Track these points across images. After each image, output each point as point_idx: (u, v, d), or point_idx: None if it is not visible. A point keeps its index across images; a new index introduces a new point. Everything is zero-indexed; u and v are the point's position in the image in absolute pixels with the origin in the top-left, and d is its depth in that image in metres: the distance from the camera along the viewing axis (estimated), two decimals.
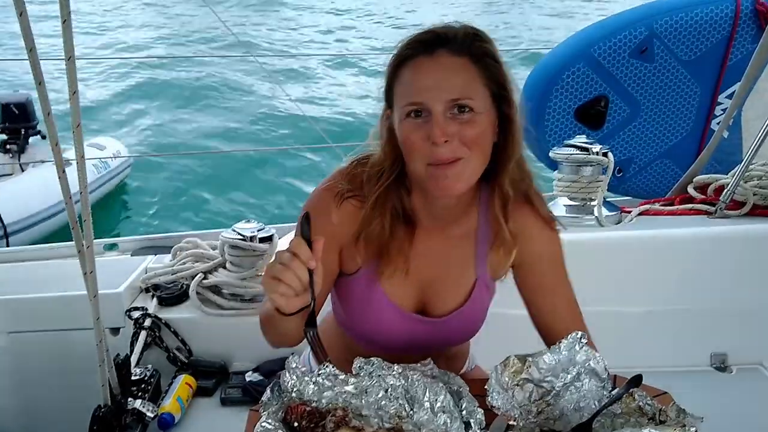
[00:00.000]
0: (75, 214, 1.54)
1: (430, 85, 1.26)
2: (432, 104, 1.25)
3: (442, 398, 1.20)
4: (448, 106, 1.26)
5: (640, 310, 2.45)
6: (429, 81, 1.26)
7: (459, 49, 1.28)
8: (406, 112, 1.28)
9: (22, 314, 2.34)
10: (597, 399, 1.28)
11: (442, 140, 1.25)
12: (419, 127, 1.27)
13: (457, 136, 1.26)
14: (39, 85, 1.35)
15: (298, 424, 1.20)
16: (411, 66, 1.29)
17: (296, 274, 1.17)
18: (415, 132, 1.28)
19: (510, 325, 1.61)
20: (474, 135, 1.28)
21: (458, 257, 1.48)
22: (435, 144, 1.26)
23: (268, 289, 1.19)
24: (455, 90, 1.26)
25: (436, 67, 1.27)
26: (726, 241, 2.51)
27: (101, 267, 1.70)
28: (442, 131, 1.25)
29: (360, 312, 1.49)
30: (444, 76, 1.26)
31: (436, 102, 1.25)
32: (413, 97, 1.27)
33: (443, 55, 1.27)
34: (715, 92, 3.29)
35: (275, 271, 1.17)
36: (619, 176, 3.34)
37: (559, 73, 3.24)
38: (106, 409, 1.81)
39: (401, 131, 1.31)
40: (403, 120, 1.30)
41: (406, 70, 1.30)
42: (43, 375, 2.35)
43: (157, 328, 2.32)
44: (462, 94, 1.26)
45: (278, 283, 1.17)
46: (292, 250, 1.18)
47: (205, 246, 2.58)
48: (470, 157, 1.29)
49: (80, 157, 1.50)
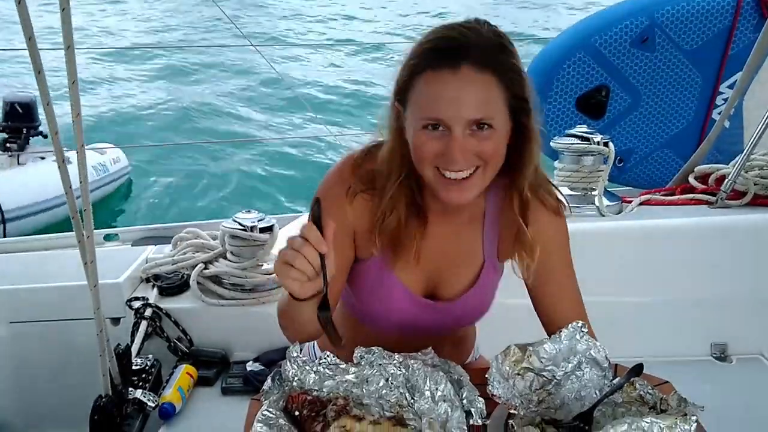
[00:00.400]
0: (75, 204, 1.54)
1: (451, 103, 1.22)
2: (452, 123, 1.22)
3: (443, 387, 1.20)
4: (468, 125, 1.23)
5: (641, 299, 2.45)
6: (451, 98, 1.22)
7: (484, 64, 1.22)
8: (423, 124, 1.25)
9: (22, 304, 2.34)
10: (598, 388, 1.28)
11: (461, 159, 1.24)
12: (435, 140, 1.25)
13: (473, 152, 1.25)
14: (38, 74, 1.34)
15: (299, 413, 1.20)
16: (432, 78, 1.23)
17: (308, 259, 1.17)
18: (431, 144, 1.25)
19: (516, 315, 1.60)
20: (490, 151, 1.26)
21: (466, 241, 1.49)
22: (450, 162, 1.24)
23: (280, 275, 1.20)
24: (477, 110, 1.22)
25: (458, 84, 1.21)
26: (727, 231, 2.51)
27: (101, 257, 1.70)
28: (461, 150, 1.23)
29: (370, 295, 1.49)
30: (467, 93, 1.22)
31: (458, 121, 1.22)
32: (433, 113, 1.23)
33: (467, 71, 1.21)
34: (717, 82, 3.29)
35: (286, 257, 1.18)
36: (620, 166, 3.33)
37: (560, 63, 3.24)
38: (107, 399, 1.81)
39: (415, 140, 1.28)
40: (418, 130, 1.26)
41: (426, 81, 1.24)
42: (44, 365, 2.35)
43: (158, 318, 2.32)
44: (484, 114, 1.23)
45: (290, 269, 1.17)
46: (303, 234, 1.18)
47: (205, 236, 2.57)
48: (484, 171, 1.28)
49: (80, 146, 1.49)
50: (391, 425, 1.20)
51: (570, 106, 3.25)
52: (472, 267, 1.49)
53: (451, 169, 1.26)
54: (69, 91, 1.40)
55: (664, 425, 1.05)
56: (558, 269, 1.50)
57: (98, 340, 1.70)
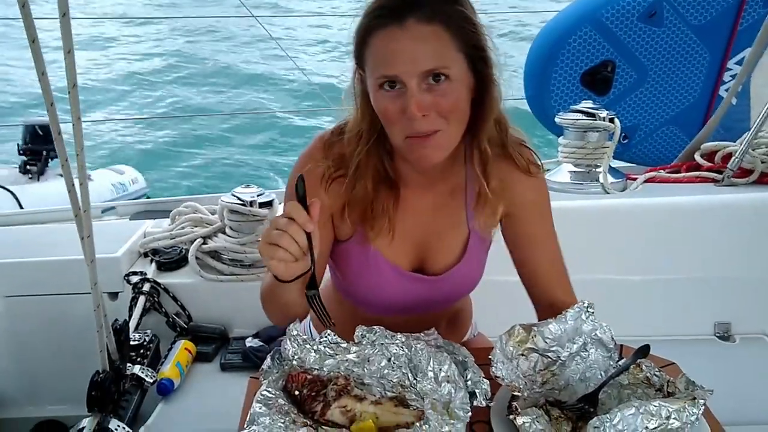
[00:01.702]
0: (72, 178, 1.51)
1: (402, 58, 1.20)
2: (406, 77, 1.20)
3: (447, 368, 1.18)
4: (422, 78, 1.21)
5: (644, 278, 2.43)
6: (401, 53, 1.20)
7: (430, 16, 1.20)
8: (380, 83, 1.24)
9: (19, 278, 2.32)
10: (603, 369, 1.26)
11: (419, 115, 1.22)
12: (394, 99, 1.23)
13: (433, 108, 1.23)
14: (42, 75, 1.32)
15: (299, 393, 1.18)
16: (381, 35, 1.22)
17: (294, 239, 1.13)
18: (391, 104, 1.24)
19: (512, 291, 1.58)
20: (450, 105, 1.24)
21: (449, 213, 1.47)
22: (411, 118, 1.22)
23: (265, 256, 1.16)
24: (429, 60, 1.20)
25: (407, 38, 1.20)
26: (733, 210, 2.48)
27: (99, 231, 1.67)
28: (419, 105, 1.21)
29: (358, 275, 1.47)
30: (416, 47, 1.20)
31: (410, 75, 1.20)
32: (385, 70, 1.22)
33: (413, 25, 1.19)
34: (725, 58, 3.23)
35: (271, 237, 1.14)
36: (625, 142, 3.29)
37: (566, 37, 3.18)
38: (105, 375, 1.79)
39: (376, 102, 1.27)
40: (377, 90, 1.25)
41: (376, 39, 1.23)
42: (42, 340, 2.34)
43: (156, 293, 2.30)
44: (436, 64, 1.21)
45: (275, 249, 1.14)
46: (287, 214, 1.14)
47: (204, 210, 2.55)
48: (448, 126, 1.26)
49: (77, 119, 1.45)
50: (393, 405, 1.18)
51: (575, 82, 3.20)
52: (458, 239, 1.47)
53: (415, 129, 1.24)
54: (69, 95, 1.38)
55: (673, 409, 1.03)
56: (539, 233, 1.49)
57: (95, 315, 1.68)
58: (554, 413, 1.19)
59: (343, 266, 1.49)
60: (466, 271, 1.49)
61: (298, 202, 1.15)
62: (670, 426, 1.02)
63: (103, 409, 1.80)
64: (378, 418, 1.16)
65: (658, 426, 1.01)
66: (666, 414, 1.02)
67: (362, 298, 1.52)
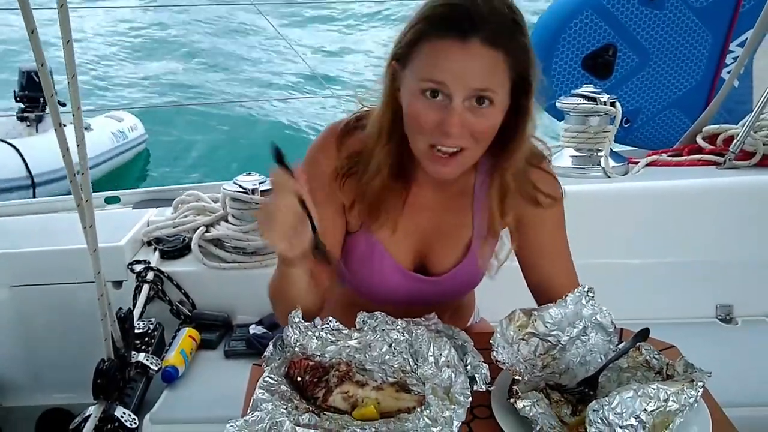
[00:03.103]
0: (73, 169, 1.52)
1: (456, 70, 1.17)
2: (454, 90, 1.18)
3: (447, 353, 1.19)
4: (469, 96, 1.19)
5: (647, 261, 2.44)
6: (456, 65, 1.17)
7: (493, 41, 1.17)
8: (423, 88, 1.20)
9: (25, 268, 2.34)
10: (603, 353, 1.27)
11: (456, 131, 1.19)
12: (432, 109, 1.20)
13: (469, 128, 1.20)
14: (32, 33, 1.31)
15: (301, 379, 1.19)
16: (439, 44, 1.18)
17: (287, 207, 1.12)
18: (427, 113, 1.21)
19: (515, 277, 1.59)
20: (485, 129, 1.22)
21: (455, 213, 1.46)
22: (446, 133, 1.20)
23: (266, 236, 1.16)
24: (481, 80, 1.18)
25: (466, 56, 1.17)
26: (735, 192, 2.48)
27: (103, 220, 1.69)
28: (459, 123, 1.19)
29: (360, 268, 1.47)
30: (472, 64, 1.17)
31: (460, 90, 1.17)
32: (436, 75, 1.18)
33: (476, 45, 1.16)
34: (727, 40, 3.22)
35: (265, 214, 1.14)
36: (627, 126, 3.29)
37: (567, 21, 3.17)
38: (110, 363, 1.81)
39: (411, 105, 1.23)
40: (416, 94, 1.22)
41: (432, 45, 1.19)
42: (47, 329, 2.36)
43: (160, 282, 2.31)
44: (486, 85, 1.18)
45: (273, 224, 1.13)
46: (273, 185, 1.13)
47: (206, 199, 2.55)
48: (475, 147, 1.25)
49: (77, 108, 1.46)
50: (394, 391, 1.19)
51: (576, 66, 3.20)
52: (461, 241, 1.46)
53: (444, 144, 1.21)
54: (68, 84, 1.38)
55: (671, 391, 1.04)
56: (553, 250, 1.49)
57: (99, 304, 1.69)
58: (554, 397, 1.20)
59: (347, 258, 1.48)
60: (468, 272, 1.49)
61: (280, 170, 1.13)
62: (668, 408, 1.03)
63: (108, 397, 1.82)
64: (379, 403, 1.16)
65: (656, 408, 1.02)
66: (664, 396, 1.03)
67: (363, 291, 1.52)
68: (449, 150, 1.23)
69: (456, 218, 1.46)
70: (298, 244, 1.18)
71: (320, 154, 1.40)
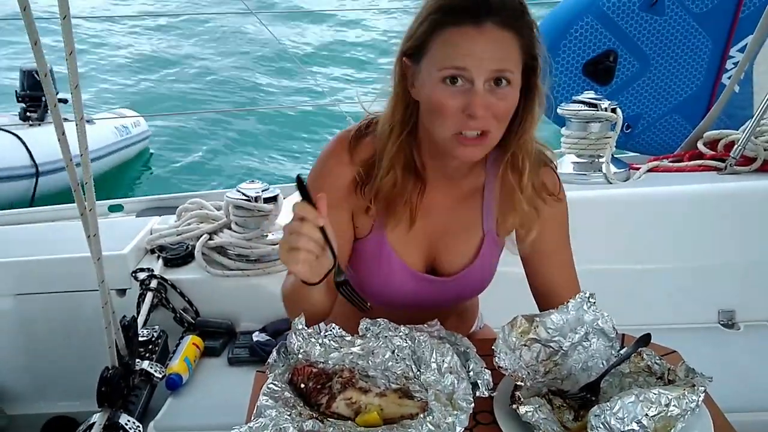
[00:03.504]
0: (77, 177, 1.52)
1: (475, 55, 1.21)
2: (475, 74, 1.21)
3: (449, 359, 1.20)
4: (488, 78, 1.22)
5: (648, 267, 2.45)
6: (474, 49, 1.21)
7: (505, 22, 1.22)
8: (444, 76, 1.23)
9: (29, 276, 2.35)
10: (605, 358, 1.28)
11: (481, 113, 1.22)
12: (455, 96, 1.23)
13: (491, 109, 1.24)
14: (35, 45, 1.32)
15: (305, 386, 1.20)
16: (455, 32, 1.23)
17: (310, 237, 1.16)
18: (451, 100, 1.24)
19: (519, 284, 1.60)
20: (506, 109, 1.26)
21: (465, 214, 1.47)
22: (471, 116, 1.23)
23: (288, 262, 1.19)
24: (499, 62, 1.22)
25: (482, 39, 1.21)
26: (736, 198, 2.48)
27: (107, 228, 1.69)
28: (483, 104, 1.22)
29: (370, 271, 1.48)
30: (489, 47, 1.22)
31: (480, 72, 1.21)
32: (456, 61, 1.22)
33: (490, 28, 1.21)
34: (727, 45, 3.22)
35: (289, 242, 1.16)
36: (628, 132, 3.29)
37: (567, 27, 3.18)
38: (114, 371, 1.82)
39: (434, 94, 1.25)
40: (437, 83, 1.24)
41: (448, 34, 1.23)
42: (52, 337, 2.37)
43: (164, 289, 2.32)
44: (504, 66, 1.22)
45: (296, 252, 1.16)
46: (297, 215, 1.16)
47: (209, 206, 2.56)
48: (496, 129, 1.28)
49: (80, 119, 1.47)
50: (397, 397, 1.20)
51: (577, 72, 3.20)
52: (471, 241, 1.48)
53: (469, 128, 1.24)
54: (66, 62, 1.38)
55: (672, 396, 1.04)
56: (555, 249, 1.51)
57: (103, 312, 1.70)
58: (556, 402, 1.20)
59: (357, 262, 1.49)
60: (478, 273, 1.50)
61: (303, 201, 1.17)
62: (669, 413, 1.03)
63: (112, 405, 1.83)
64: (383, 409, 1.17)
65: (657, 413, 1.03)
66: (665, 401, 1.03)
67: (372, 293, 1.52)
68: (473, 134, 1.26)
69: (466, 219, 1.47)
70: (318, 271, 1.21)
71: (334, 163, 1.42)
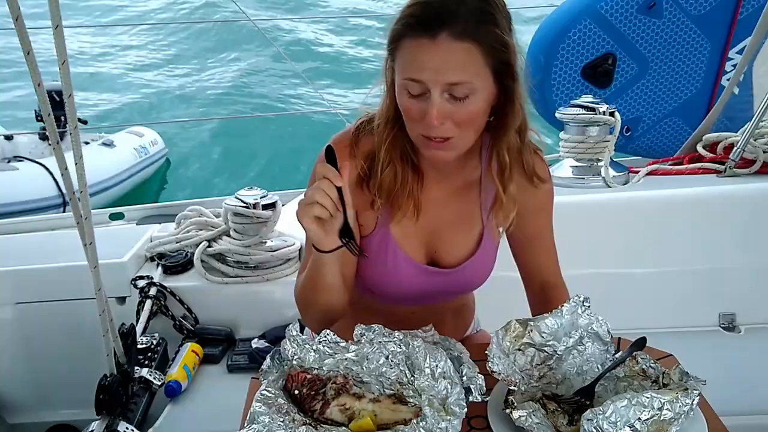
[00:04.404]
0: (72, 186, 1.53)
1: (430, 68, 1.23)
2: (431, 86, 1.23)
3: (443, 364, 1.19)
4: (445, 89, 1.24)
5: (648, 270, 2.43)
6: (429, 63, 1.23)
7: (462, 33, 1.20)
8: (405, 85, 1.27)
9: (28, 285, 2.35)
10: (600, 362, 1.27)
11: (438, 123, 1.25)
12: (416, 102, 1.27)
13: (450, 117, 1.26)
14: (27, 55, 1.33)
15: (299, 392, 1.20)
16: (413, 44, 1.24)
17: (327, 193, 1.21)
18: (413, 105, 1.28)
19: (514, 288, 1.60)
20: (466, 117, 1.27)
21: (464, 207, 1.49)
22: (428, 125, 1.26)
23: (303, 217, 1.23)
24: (455, 74, 1.22)
25: (437, 51, 1.21)
26: (736, 200, 2.47)
27: (106, 236, 1.70)
28: (439, 115, 1.24)
29: (375, 268, 1.48)
30: (444, 59, 1.22)
31: (436, 84, 1.23)
32: (413, 74, 1.24)
33: (445, 39, 1.20)
34: (726, 47, 3.22)
35: (306, 197, 1.22)
36: (627, 135, 3.29)
37: (566, 31, 3.18)
38: (112, 378, 1.81)
39: (399, 98, 1.31)
40: (401, 90, 1.29)
41: (407, 45, 1.25)
42: (53, 345, 2.37)
43: (163, 297, 2.32)
44: (461, 78, 1.23)
45: (312, 206, 1.21)
46: (319, 174, 1.22)
47: (208, 214, 2.57)
48: (461, 135, 1.30)
49: (73, 128, 1.49)
50: (391, 403, 1.20)
51: (575, 75, 3.20)
52: (472, 234, 1.50)
53: (432, 134, 1.28)
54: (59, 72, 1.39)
55: (665, 400, 1.04)
56: (541, 232, 1.56)
57: (101, 320, 1.70)
58: (551, 407, 1.20)
59: (363, 259, 1.49)
60: (480, 264, 1.51)
61: (327, 164, 1.24)
62: (663, 417, 1.03)
63: (111, 412, 1.82)
64: (376, 415, 1.17)
65: (650, 417, 1.02)
66: (658, 405, 1.03)
67: (375, 287, 1.53)
68: (437, 137, 1.29)
69: (465, 212, 1.49)
70: (330, 229, 1.26)
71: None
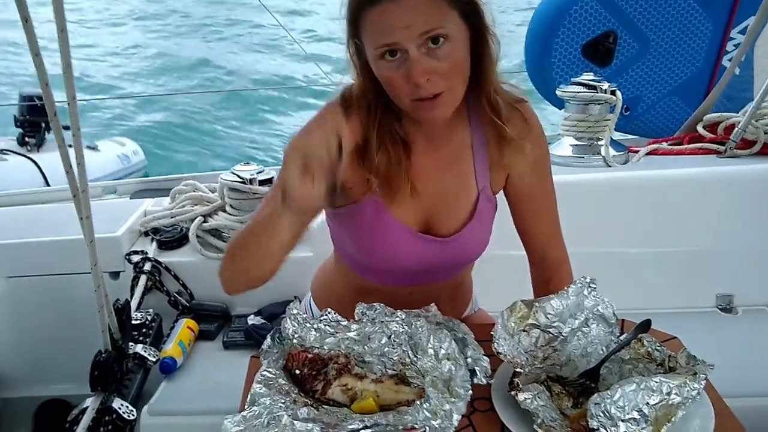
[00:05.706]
0: (69, 160, 1.50)
1: (399, 27, 1.20)
2: (406, 43, 1.20)
3: (447, 345, 1.18)
4: (421, 42, 1.21)
5: (646, 250, 2.43)
6: (397, 23, 1.20)
7: None
8: (380, 53, 1.24)
9: (22, 259, 2.32)
10: (605, 344, 1.26)
11: (424, 80, 1.22)
12: (397, 67, 1.24)
13: (435, 71, 1.23)
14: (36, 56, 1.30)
15: (300, 372, 1.18)
16: (376, 11, 1.21)
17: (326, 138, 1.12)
18: (394, 72, 1.24)
19: (513, 266, 1.59)
20: (451, 66, 1.25)
21: (457, 174, 1.46)
22: (416, 84, 1.23)
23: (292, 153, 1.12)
24: (424, 23, 1.20)
25: (401, 9, 1.19)
26: (735, 181, 2.46)
27: (100, 210, 1.67)
28: (422, 71, 1.21)
29: (368, 236, 1.46)
30: (411, 14, 1.20)
31: (409, 40, 1.20)
32: (385, 39, 1.22)
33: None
34: (728, 27, 3.18)
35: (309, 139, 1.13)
36: (627, 114, 3.26)
37: (566, 8, 3.13)
38: (107, 354, 1.80)
39: (378, 71, 1.27)
40: (378, 60, 1.25)
41: (370, 14, 1.22)
42: (46, 320, 2.34)
43: (158, 272, 2.30)
44: (432, 25, 1.20)
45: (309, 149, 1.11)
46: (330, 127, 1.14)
47: (204, 189, 2.53)
48: (451, 86, 1.27)
49: (72, 98, 1.45)
50: (394, 384, 1.18)
51: (576, 53, 3.16)
52: (466, 200, 1.47)
53: (421, 94, 1.24)
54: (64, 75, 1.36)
55: (674, 384, 1.03)
56: (538, 190, 1.53)
57: (96, 295, 1.68)
58: (555, 389, 1.19)
59: (353, 228, 1.47)
60: (476, 232, 1.49)
61: None
62: (671, 401, 1.02)
63: (106, 389, 1.81)
64: (379, 396, 1.16)
65: (659, 402, 1.01)
66: (667, 390, 1.02)
67: (370, 261, 1.51)
68: (428, 96, 1.25)
69: (458, 179, 1.47)
70: (311, 183, 1.12)
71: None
